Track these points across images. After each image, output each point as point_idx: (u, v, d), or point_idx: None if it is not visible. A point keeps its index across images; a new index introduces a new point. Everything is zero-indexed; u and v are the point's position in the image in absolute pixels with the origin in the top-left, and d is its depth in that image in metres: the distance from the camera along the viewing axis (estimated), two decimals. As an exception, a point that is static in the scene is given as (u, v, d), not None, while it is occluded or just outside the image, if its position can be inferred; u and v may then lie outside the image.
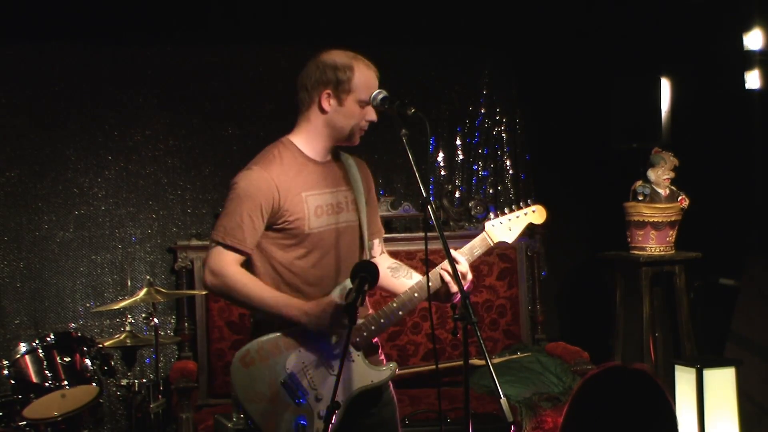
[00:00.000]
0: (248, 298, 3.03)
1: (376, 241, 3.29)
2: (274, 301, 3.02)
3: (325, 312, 2.96)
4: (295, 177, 3.07)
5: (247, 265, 3.08)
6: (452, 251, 3.02)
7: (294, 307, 3.00)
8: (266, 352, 3.03)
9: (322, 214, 3.10)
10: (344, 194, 3.17)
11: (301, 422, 2.95)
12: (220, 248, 3.03)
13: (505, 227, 3.24)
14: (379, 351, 3.23)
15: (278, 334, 3.04)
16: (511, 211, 3.27)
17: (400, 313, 3.10)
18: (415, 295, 3.09)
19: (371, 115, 3.09)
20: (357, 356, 3.07)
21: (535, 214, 3.31)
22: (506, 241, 3.25)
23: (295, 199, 3.05)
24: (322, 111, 3.08)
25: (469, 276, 3.10)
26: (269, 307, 3.02)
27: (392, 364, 3.15)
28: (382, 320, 3.09)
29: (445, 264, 3.03)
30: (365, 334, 3.08)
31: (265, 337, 3.05)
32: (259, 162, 3.08)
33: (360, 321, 3.05)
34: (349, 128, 3.09)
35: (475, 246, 3.19)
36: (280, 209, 3.03)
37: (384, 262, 3.29)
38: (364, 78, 3.06)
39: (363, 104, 3.06)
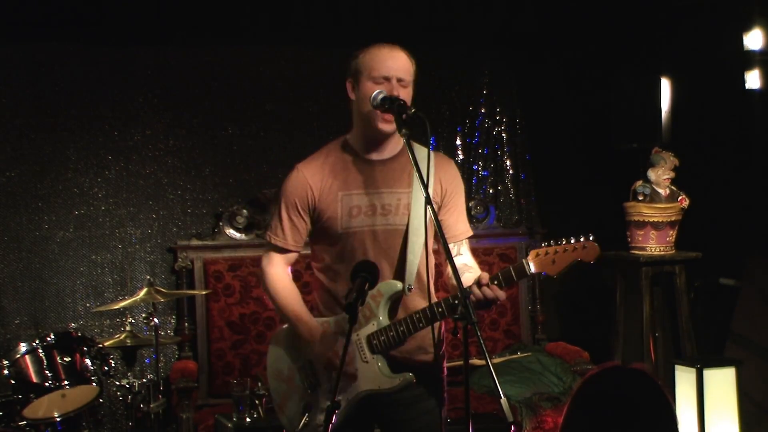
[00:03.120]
0: (279, 308, 3.22)
1: (452, 245, 3.09)
2: (296, 318, 3.16)
3: (326, 343, 3.09)
4: (335, 176, 3.10)
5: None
6: (485, 275, 2.97)
7: (313, 331, 3.14)
8: (295, 336, 3.17)
9: (359, 214, 3.08)
10: (398, 196, 3.09)
11: (309, 408, 3.09)
12: (269, 249, 3.24)
13: (549, 259, 2.94)
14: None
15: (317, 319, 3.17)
16: (561, 242, 2.95)
17: (421, 325, 3.04)
18: (439, 309, 2.99)
19: (388, 90, 3.00)
20: (372, 359, 3.07)
21: (585, 251, 2.94)
22: (549, 273, 2.96)
23: (329, 198, 3.10)
24: (351, 101, 3.14)
25: (503, 296, 2.97)
26: (290, 321, 3.19)
27: (408, 375, 3.08)
28: (401, 329, 3.06)
29: (474, 286, 2.94)
30: (383, 338, 3.06)
31: None
32: (304, 161, 3.19)
33: (384, 325, 3.08)
34: (367, 110, 3.03)
35: (512, 276, 2.97)
36: (316, 208, 3.12)
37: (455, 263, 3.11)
38: (372, 55, 3.06)
39: (377, 80, 3.02)
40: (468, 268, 3.14)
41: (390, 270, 3.08)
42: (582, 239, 2.97)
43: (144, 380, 4.52)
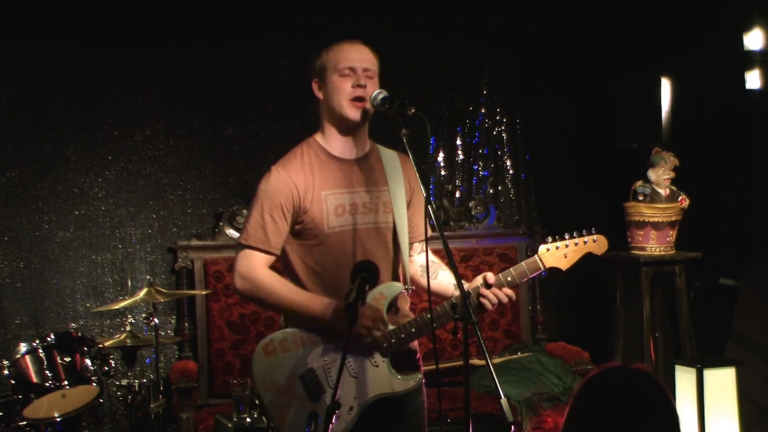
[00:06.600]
0: (278, 300, 3.07)
1: (416, 244, 3.23)
2: (306, 301, 3.03)
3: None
4: (315, 176, 3.08)
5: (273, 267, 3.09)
6: (501, 276, 3.06)
7: (327, 306, 2.99)
8: (289, 344, 3.06)
9: (344, 213, 3.08)
10: (376, 194, 3.12)
11: (317, 420, 2.89)
12: (246, 251, 3.08)
13: (560, 254, 3.10)
14: (416, 360, 3.19)
15: (303, 328, 3.06)
16: (571, 237, 3.11)
17: (434, 325, 3.01)
18: (453, 310, 2.95)
19: (355, 79, 3.07)
20: (382, 362, 3.06)
21: (595, 244, 3.15)
22: (560, 268, 3.10)
23: (315, 198, 3.06)
24: (319, 100, 3.18)
25: (513, 297, 3.07)
26: (300, 307, 3.03)
27: (418, 375, 3.12)
28: (413, 330, 3.06)
29: (483, 288, 3.02)
30: (393, 341, 3.05)
31: (290, 329, 3.08)
32: (279, 162, 3.15)
33: (391, 328, 3.06)
34: (337, 101, 3.09)
35: (525, 271, 3.08)
36: (300, 208, 3.05)
37: (418, 261, 3.24)
38: (335, 51, 3.13)
39: (343, 72, 3.09)
40: (440, 265, 3.23)
41: (384, 269, 3.05)
42: (593, 233, 3.15)
43: (144, 380, 4.51)
